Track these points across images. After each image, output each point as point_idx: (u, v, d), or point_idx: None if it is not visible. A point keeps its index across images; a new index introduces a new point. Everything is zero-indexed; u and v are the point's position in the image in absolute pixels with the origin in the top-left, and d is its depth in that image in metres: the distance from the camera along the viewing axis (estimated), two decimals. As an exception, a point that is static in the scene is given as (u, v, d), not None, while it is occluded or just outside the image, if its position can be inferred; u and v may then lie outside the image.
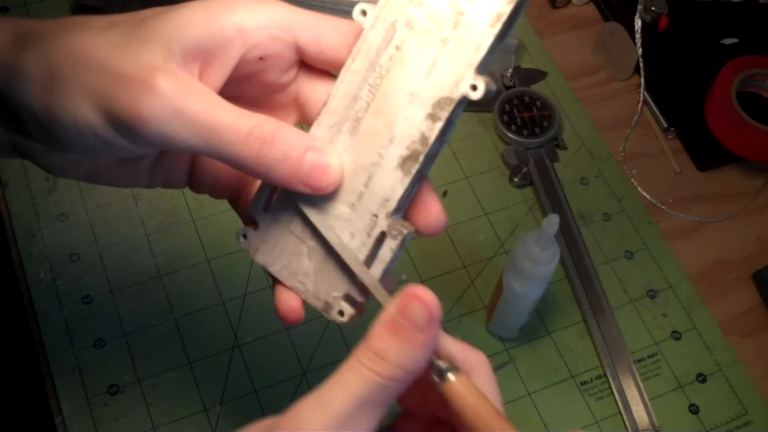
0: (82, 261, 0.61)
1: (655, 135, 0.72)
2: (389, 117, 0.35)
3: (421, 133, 0.35)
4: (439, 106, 0.35)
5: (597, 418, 0.59)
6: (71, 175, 0.39)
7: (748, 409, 0.60)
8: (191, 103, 0.33)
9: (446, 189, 0.68)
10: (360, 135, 0.36)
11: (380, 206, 0.36)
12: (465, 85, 0.34)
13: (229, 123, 0.33)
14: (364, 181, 0.36)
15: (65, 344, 0.58)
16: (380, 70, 0.35)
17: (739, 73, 0.68)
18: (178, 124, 0.33)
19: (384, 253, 0.36)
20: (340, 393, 0.32)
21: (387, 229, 0.36)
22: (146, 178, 0.41)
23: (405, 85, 0.35)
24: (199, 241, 0.63)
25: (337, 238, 0.37)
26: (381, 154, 0.35)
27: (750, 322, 0.64)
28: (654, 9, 0.72)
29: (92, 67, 0.33)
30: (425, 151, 0.35)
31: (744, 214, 0.69)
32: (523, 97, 0.71)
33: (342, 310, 0.37)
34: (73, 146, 0.35)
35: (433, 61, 0.34)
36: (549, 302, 0.63)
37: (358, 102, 0.36)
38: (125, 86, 0.33)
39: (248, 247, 0.39)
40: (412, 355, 0.33)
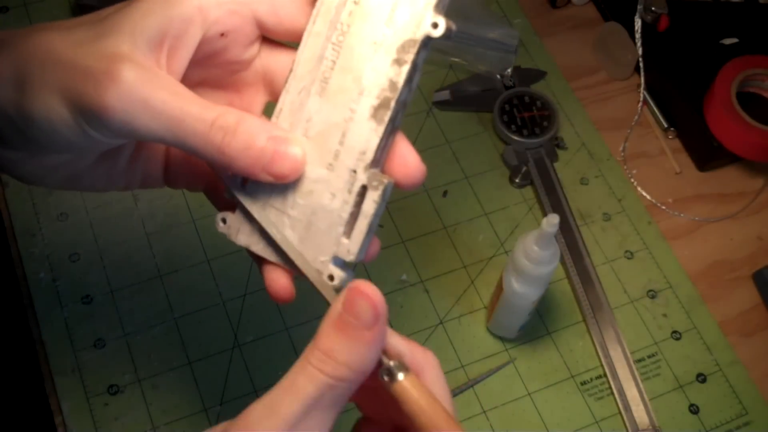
0: (82, 261, 0.61)
1: (655, 135, 0.72)
2: (356, 71, 0.36)
3: (389, 80, 0.35)
4: (403, 50, 0.35)
5: (597, 418, 0.59)
6: (49, 182, 0.40)
7: (748, 409, 0.60)
8: (156, 93, 0.33)
9: (446, 189, 0.68)
10: (329, 94, 0.36)
11: (358, 160, 0.36)
12: (426, 24, 0.34)
13: (194, 113, 0.34)
14: (338, 139, 0.36)
15: (65, 344, 0.58)
16: (341, 26, 0.36)
17: (739, 73, 0.68)
18: (143, 114, 0.33)
19: (367, 206, 0.36)
20: (290, 396, 0.32)
21: (367, 182, 0.35)
22: (123, 179, 0.41)
23: (368, 37, 0.35)
24: (199, 241, 0.63)
25: (280, 234, 0.37)
26: (352, 109, 0.36)
27: (750, 322, 0.64)
28: (654, 9, 0.72)
29: (59, 64, 0.34)
30: (395, 97, 0.35)
31: (744, 214, 0.69)
32: (523, 97, 0.71)
33: (332, 274, 0.36)
34: (49, 144, 0.35)
35: (392, 8, 0.35)
36: (549, 302, 0.63)
37: (324, 62, 0.36)
38: (91, 78, 0.33)
39: (229, 231, 0.39)
40: (360, 353, 0.33)
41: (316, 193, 0.36)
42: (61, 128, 0.34)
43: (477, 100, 0.71)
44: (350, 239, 0.36)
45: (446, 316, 0.62)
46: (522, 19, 0.77)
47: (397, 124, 0.36)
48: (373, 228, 0.36)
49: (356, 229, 0.36)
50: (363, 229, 0.36)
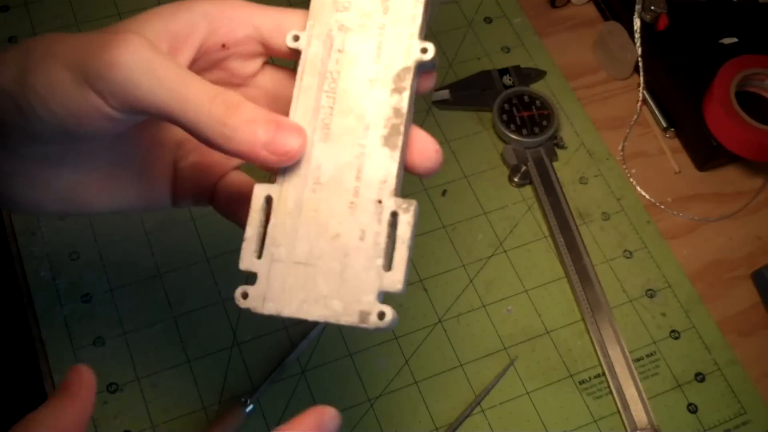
0: (82, 259, 0.61)
1: (655, 134, 0.72)
2: (357, 109, 0.36)
3: (393, 108, 0.36)
4: (399, 79, 0.36)
5: (595, 417, 0.59)
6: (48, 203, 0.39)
7: (746, 409, 0.60)
8: (162, 60, 0.33)
9: (445, 188, 0.68)
10: (333, 138, 0.36)
11: (380, 190, 0.36)
12: (415, 52, 0.36)
13: (198, 84, 0.34)
14: (354, 176, 0.36)
15: (65, 342, 0.58)
16: (331, 75, 0.37)
17: (738, 73, 0.68)
18: (148, 77, 0.33)
19: (402, 230, 0.35)
20: None
21: (396, 207, 0.35)
22: (127, 197, 0.40)
23: (360, 77, 0.36)
24: (198, 239, 0.63)
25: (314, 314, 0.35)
26: (362, 144, 0.36)
27: (749, 321, 0.64)
28: (653, 8, 0.72)
29: (65, 42, 0.34)
30: (403, 121, 0.36)
31: (743, 213, 0.69)
32: (523, 96, 0.71)
33: (382, 311, 0.35)
34: (48, 116, 0.34)
35: (378, 46, 0.36)
36: (548, 301, 0.63)
37: (321, 110, 0.36)
38: (98, 42, 0.33)
39: (253, 304, 0.36)
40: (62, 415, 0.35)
41: (344, 235, 0.36)
42: (61, 93, 0.34)
43: (476, 100, 0.71)
44: (393, 269, 0.35)
45: (445, 315, 0.62)
46: (522, 19, 0.77)
47: (405, 157, 0.37)
48: (412, 253, 0.36)
49: (397, 257, 0.35)
50: (404, 255, 0.35)
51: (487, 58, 0.74)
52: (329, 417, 0.34)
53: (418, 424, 0.58)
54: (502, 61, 0.74)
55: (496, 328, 0.62)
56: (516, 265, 0.65)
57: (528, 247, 0.66)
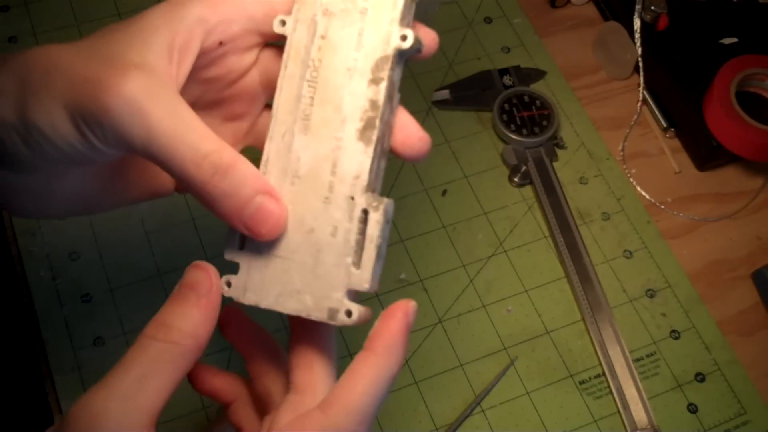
0: (82, 259, 0.61)
1: (655, 134, 0.72)
2: (335, 100, 0.36)
3: (369, 100, 0.35)
4: (377, 69, 0.35)
5: (595, 417, 0.59)
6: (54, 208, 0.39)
7: (746, 409, 0.60)
8: (157, 108, 0.33)
9: (445, 188, 0.68)
10: (313, 129, 0.36)
11: (353, 186, 0.35)
12: (395, 39, 0.35)
13: (189, 140, 0.33)
14: (330, 170, 0.36)
15: (65, 343, 0.58)
16: (313, 63, 0.36)
17: (738, 73, 0.68)
18: (140, 127, 0.33)
19: (371, 229, 0.35)
20: (121, 368, 0.33)
21: (366, 204, 0.35)
22: (131, 194, 0.41)
23: (341, 66, 0.35)
24: (198, 239, 0.63)
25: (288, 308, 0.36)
26: (338, 137, 0.36)
27: (749, 321, 0.64)
28: (653, 8, 0.72)
29: (62, 72, 0.34)
30: (378, 115, 0.35)
31: (743, 213, 0.69)
32: (523, 96, 0.71)
33: (350, 309, 0.35)
34: (51, 151, 0.35)
35: (359, 33, 0.35)
36: (548, 301, 0.63)
37: (302, 100, 0.36)
38: (95, 82, 0.33)
39: (235, 294, 0.37)
40: (193, 318, 0.34)
41: (318, 230, 0.36)
42: (61, 133, 0.34)
43: (476, 100, 0.71)
44: (361, 267, 0.35)
45: (445, 315, 0.62)
46: (522, 19, 0.77)
47: (386, 147, 0.36)
48: (382, 252, 0.36)
49: (365, 256, 0.35)
50: (372, 254, 0.35)
51: (487, 58, 0.74)
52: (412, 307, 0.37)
53: (418, 424, 0.58)
54: (502, 61, 0.74)
55: (496, 328, 0.62)
56: (516, 265, 0.65)
57: (528, 247, 0.66)
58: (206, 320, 0.35)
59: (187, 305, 0.35)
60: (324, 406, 0.35)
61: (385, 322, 0.36)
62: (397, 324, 0.36)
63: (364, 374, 0.35)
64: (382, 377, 0.35)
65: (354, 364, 0.35)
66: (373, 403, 0.35)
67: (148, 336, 0.34)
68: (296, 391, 0.37)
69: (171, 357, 0.34)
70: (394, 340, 0.36)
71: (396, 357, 0.36)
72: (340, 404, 0.35)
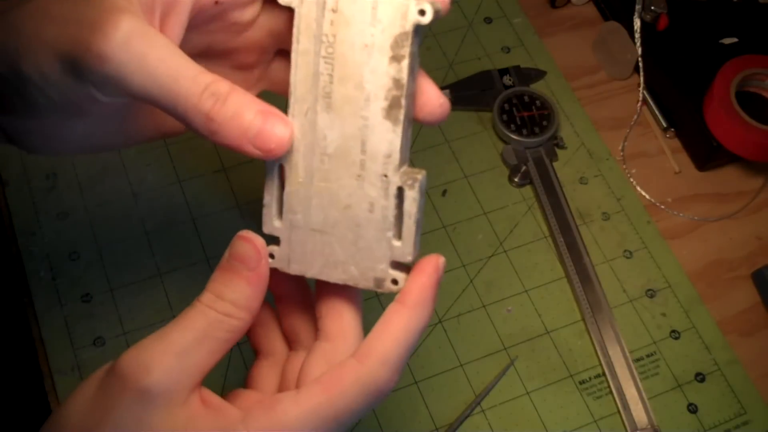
0: (82, 259, 0.61)
1: (655, 134, 0.72)
2: (356, 77, 0.35)
3: (393, 78, 0.35)
4: (397, 45, 0.35)
5: (595, 417, 0.59)
6: (65, 146, 0.40)
7: (746, 409, 0.60)
8: (154, 49, 0.33)
9: (445, 188, 0.68)
10: (336, 107, 0.36)
11: (385, 165, 0.36)
12: (413, 13, 0.34)
13: (189, 75, 0.33)
14: (359, 149, 0.36)
15: (65, 343, 0.58)
16: (327, 38, 0.35)
17: (738, 73, 0.68)
18: (139, 69, 0.33)
19: (408, 205, 0.36)
20: (181, 328, 0.35)
21: (401, 183, 0.36)
22: (144, 132, 0.41)
23: (357, 41, 0.35)
24: (198, 239, 0.63)
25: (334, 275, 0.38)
26: (364, 116, 0.35)
27: (749, 321, 0.64)
28: (653, 8, 0.72)
29: (52, 20, 0.34)
30: (404, 93, 0.35)
31: (743, 213, 0.69)
32: (523, 96, 0.71)
33: (395, 278, 0.37)
34: (45, 102, 0.35)
35: (372, 6, 0.34)
36: (548, 301, 0.63)
37: (321, 77, 0.36)
38: (86, 28, 0.33)
39: (280, 265, 0.38)
40: (244, 291, 0.36)
41: (354, 206, 0.36)
42: (54, 83, 0.34)
43: (476, 100, 0.71)
44: (402, 241, 0.36)
45: (445, 315, 0.62)
46: (522, 19, 0.77)
47: (411, 117, 0.36)
48: (420, 223, 0.37)
49: (405, 230, 0.36)
50: (412, 228, 0.36)
51: (487, 58, 0.74)
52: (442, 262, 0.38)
53: (418, 424, 0.58)
54: (502, 61, 0.74)
55: (496, 328, 0.62)
56: (516, 265, 0.65)
57: (528, 247, 0.66)
58: (257, 293, 0.36)
59: (237, 278, 0.36)
60: (360, 357, 0.36)
61: (417, 278, 0.37)
62: (429, 279, 0.37)
63: (397, 326, 0.36)
64: (413, 329, 0.36)
65: (386, 316, 0.37)
66: (406, 354, 0.36)
67: (205, 304, 0.36)
68: (327, 339, 0.39)
69: (225, 327, 0.36)
70: (426, 294, 0.37)
71: (427, 310, 0.37)
72: (376, 355, 0.36)
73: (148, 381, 0.34)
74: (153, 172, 0.65)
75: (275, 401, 0.35)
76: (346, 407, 0.35)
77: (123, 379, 0.34)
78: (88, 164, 0.65)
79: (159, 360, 0.34)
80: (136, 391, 0.34)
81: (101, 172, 0.65)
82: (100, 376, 0.35)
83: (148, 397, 0.34)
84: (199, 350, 0.35)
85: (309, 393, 0.35)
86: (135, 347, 0.35)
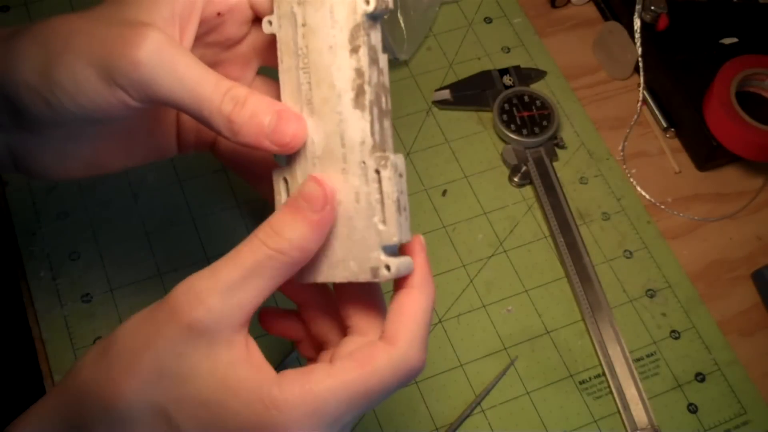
0: (82, 259, 0.61)
1: (655, 134, 0.72)
2: (328, 78, 0.38)
3: (355, 69, 0.37)
4: (353, 38, 0.37)
5: (595, 417, 0.59)
6: (66, 170, 0.42)
7: (746, 409, 0.60)
8: (181, 58, 0.36)
9: (445, 188, 0.68)
10: (316, 111, 0.38)
11: (361, 152, 0.37)
12: (360, 4, 0.37)
13: (212, 81, 0.37)
14: (340, 143, 0.38)
15: (65, 342, 0.58)
16: (302, 51, 0.39)
17: (738, 73, 0.68)
18: (169, 75, 0.36)
19: (386, 186, 0.37)
20: (231, 263, 0.36)
21: (375, 165, 0.37)
22: (141, 153, 0.44)
23: (323, 45, 0.38)
24: (198, 239, 0.63)
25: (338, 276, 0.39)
26: (339, 111, 0.38)
27: (749, 321, 0.64)
28: (653, 8, 0.72)
29: (82, 34, 0.37)
30: (366, 80, 0.37)
31: (743, 213, 0.69)
32: (523, 96, 0.71)
33: (387, 264, 0.38)
34: (74, 110, 0.37)
35: (330, 11, 0.38)
36: (548, 301, 0.63)
37: (302, 87, 0.39)
38: (119, 39, 0.36)
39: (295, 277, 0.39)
40: (303, 231, 0.36)
41: (344, 201, 0.38)
42: (84, 90, 0.36)
43: (476, 100, 0.71)
44: (386, 223, 0.37)
45: (445, 315, 0.62)
46: (522, 19, 0.77)
47: (387, 108, 0.38)
48: (404, 204, 0.38)
49: (387, 212, 0.37)
50: (392, 209, 0.37)
51: (487, 58, 0.74)
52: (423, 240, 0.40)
53: (418, 424, 0.58)
54: (502, 61, 0.74)
55: (496, 328, 0.62)
56: (516, 265, 0.65)
57: (528, 247, 0.66)
58: (316, 237, 0.37)
59: (299, 217, 0.36)
60: (389, 339, 0.37)
61: (413, 260, 0.39)
62: (421, 258, 0.39)
63: (412, 308, 0.38)
64: (427, 307, 0.38)
65: (399, 300, 0.38)
66: (427, 332, 0.38)
67: (260, 239, 0.36)
68: (358, 333, 0.40)
69: (277, 264, 0.36)
70: (425, 271, 0.39)
71: (431, 286, 0.39)
72: (403, 338, 0.37)
73: (194, 316, 0.35)
74: (153, 172, 0.65)
75: (309, 370, 0.36)
76: (378, 385, 0.36)
77: (171, 311, 0.35)
78: (89, 164, 0.65)
79: (207, 295, 0.35)
80: (181, 325, 0.35)
81: (101, 172, 0.65)
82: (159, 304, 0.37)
83: (193, 333, 0.35)
84: (246, 288, 0.35)
85: (343, 367, 0.36)
86: (190, 278, 0.36)
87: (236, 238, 0.60)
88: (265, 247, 0.36)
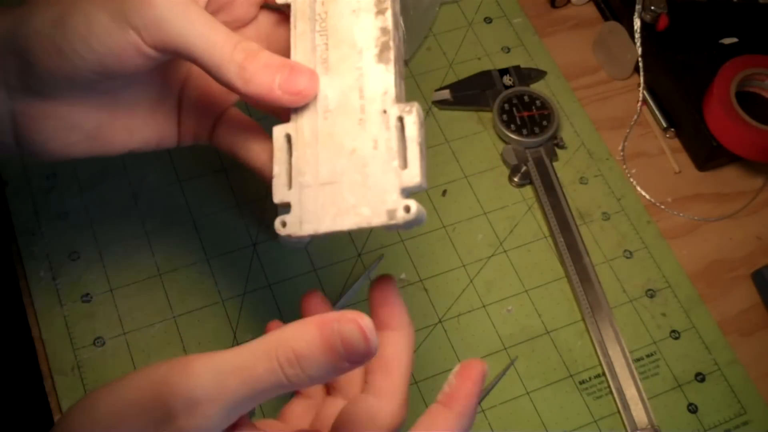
0: (82, 259, 0.61)
1: (655, 134, 0.72)
2: (348, 39, 0.40)
3: (380, 28, 0.39)
4: (380, 2, 0.40)
5: (595, 417, 0.59)
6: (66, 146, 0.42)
7: (746, 409, 0.60)
8: (194, 5, 0.37)
9: (445, 188, 0.68)
10: (332, 68, 0.40)
11: (383, 101, 0.39)
12: None
13: (223, 30, 0.38)
14: (358, 96, 0.39)
15: (65, 342, 0.58)
16: (320, 16, 0.40)
17: (738, 73, 0.68)
18: (182, 18, 0.37)
19: (410, 130, 0.38)
20: (243, 378, 0.32)
21: (400, 112, 0.38)
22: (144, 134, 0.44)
23: (345, 10, 0.40)
24: (198, 239, 0.63)
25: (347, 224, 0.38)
26: (359, 67, 0.39)
27: (749, 321, 0.64)
28: (653, 8, 0.72)
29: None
30: (391, 36, 0.39)
31: (743, 213, 0.69)
32: (523, 96, 0.71)
33: (407, 205, 0.38)
34: (85, 52, 0.37)
35: None
36: (548, 301, 0.63)
37: (317, 48, 0.40)
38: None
39: (292, 230, 0.39)
40: (326, 373, 0.33)
41: (359, 149, 0.39)
42: (101, 32, 0.37)
43: (476, 100, 0.71)
44: (409, 166, 0.38)
45: (445, 315, 0.62)
46: (522, 19, 0.77)
47: (402, 71, 0.40)
48: (424, 150, 0.38)
49: (410, 154, 0.38)
50: (416, 152, 0.38)
51: (487, 58, 0.74)
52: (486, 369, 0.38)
53: (418, 424, 0.58)
54: (502, 61, 0.74)
55: (496, 328, 0.62)
56: (516, 265, 0.65)
57: (528, 247, 0.66)
58: (332, 377, 0.34)
59: (329, 360, 0.32)
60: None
61: (463, 384, 0.38)
62: (474, 387, 0.38)
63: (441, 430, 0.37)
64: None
65: (431, 416, 0.37)
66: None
67: (279, 363, 0.32)
68: (374, 394, 0.38)
69: (284, 389, 0.33)
70: (471, 401, 0.37)
71: (470, 419, 0.38)
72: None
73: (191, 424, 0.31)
74: (153, 172, 0.65)
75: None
76: None
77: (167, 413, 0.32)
78: (88, 164, 0.65)
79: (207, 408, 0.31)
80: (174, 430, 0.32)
81: (101, 172, 0.65)
82: None
83: None
84: (248, 406, 0.33)
85: None
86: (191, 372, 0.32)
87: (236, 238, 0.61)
88: (282, 375, 0.32)
